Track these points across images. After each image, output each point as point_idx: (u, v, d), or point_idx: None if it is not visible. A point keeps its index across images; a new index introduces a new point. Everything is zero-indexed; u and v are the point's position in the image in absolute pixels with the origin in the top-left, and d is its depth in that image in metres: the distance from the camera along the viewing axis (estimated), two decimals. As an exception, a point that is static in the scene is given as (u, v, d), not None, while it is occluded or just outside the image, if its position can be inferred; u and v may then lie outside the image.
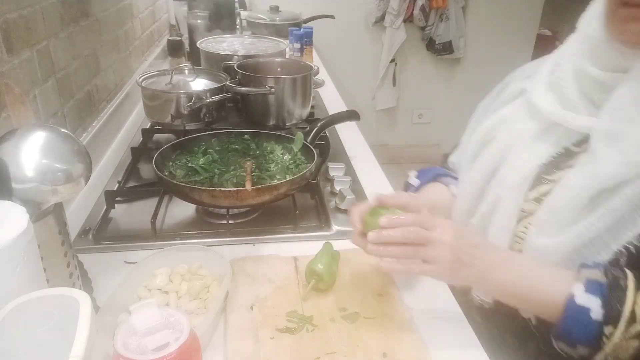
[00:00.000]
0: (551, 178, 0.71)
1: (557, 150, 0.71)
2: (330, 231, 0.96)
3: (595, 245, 0.62)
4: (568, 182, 0.66)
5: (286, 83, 1.31)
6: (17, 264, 0.50)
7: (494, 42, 3.18)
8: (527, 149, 0.74)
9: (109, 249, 0.90)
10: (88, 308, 0.48)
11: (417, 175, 0.96)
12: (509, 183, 0.74)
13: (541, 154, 0.72)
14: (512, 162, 0.75)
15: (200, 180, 0.97)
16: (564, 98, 0.71)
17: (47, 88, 1.01)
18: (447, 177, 0.92)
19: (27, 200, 0.57)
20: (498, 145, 0.78)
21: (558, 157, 0.71)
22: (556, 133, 0.72)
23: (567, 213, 0.65)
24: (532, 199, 0.72)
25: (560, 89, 0.71)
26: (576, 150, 0.70)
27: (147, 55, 1.90)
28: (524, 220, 0.72)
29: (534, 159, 0.72)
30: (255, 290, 0.78)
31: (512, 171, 0.74)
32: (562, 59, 0.74)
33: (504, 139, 0.77)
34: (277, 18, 2.34)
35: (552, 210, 0.67)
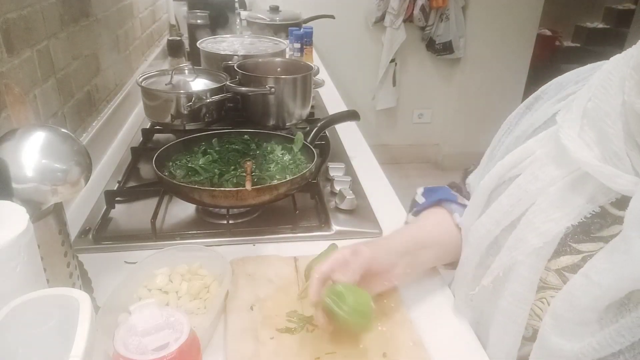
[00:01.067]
0: (579, 248, 0.59)
1: (590, 210, 0.57)
2: (330, 231, 0.96)
3: (624, 354, 0.51)
4: (593, 275, 0.53)
5: (286, 83, 1.31)
6: (17, 264, 0.50)
7: (494, 42, 3.18)
8: (554, 206, 0.59)
9: (109, 249, 0.90)
10: (88, 308, 0.48)
11: (424, 193, 0.88)
12: (529, 246, 0.61)
13: (571, 213, 0.58)
14: (534, 220, 0.61)
15: (200, 180, 0.97)
16: (604, 141, 0.55)
17: (47, 88, 1.01)
18: (452, 203, 0.82)
19: (27, 200, 0.57)
20: (518, 193, 0.64)
21: (589, 218, 0.58)
22: (590, 187, 0.57)
23: (588, 313, 0.53)
24: (554, 270, 0.61)
25: (600, 126, 0.55)
26: (614, 212, 0.57)
27: (147, 55, 1.90)
28: (542, 292, 0.61)
29: (561, 219, 0.58)
30: (255, 290, 0.78)
31: (533, 232, 0.61)
32: (611, 82, 0.56)
33: (528, 187, 0.63)
34: (277, 18, 2.34)
35: (572, 306, 0.55)
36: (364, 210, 1.03)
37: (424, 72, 3.31)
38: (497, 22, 3.15)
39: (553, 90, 0.70)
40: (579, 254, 0.59)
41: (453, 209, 0.81)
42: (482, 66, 3.21)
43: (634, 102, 0.52)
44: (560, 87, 0.69)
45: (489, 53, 3.19)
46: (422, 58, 3.26)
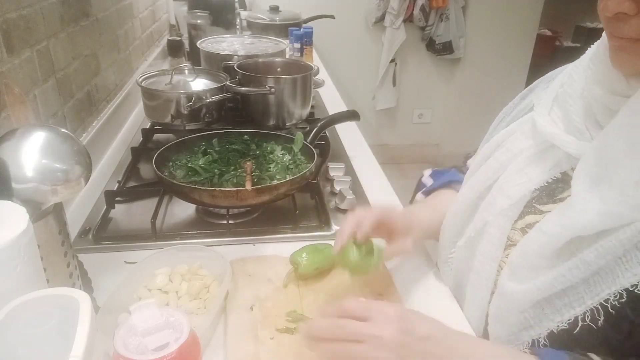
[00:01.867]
0: (542, 209, 0.65)
1: (552, 175, 0.64)
2: (330, 231, 0.96)
3: (569, 297, 0.57)
4: (545, 227, 0.60)
5: (286, 83, 1.31)
6: (17, 264, 0.50)
7: (494, 42, 3.18)
8: (521, 172, 0.67)
9: (109, 249, 0.90)
10: (88, 308, 0.48)
11: (431, 175, 0.93)
12: (498, 208, 0.68)
13: (535, 178, 0.65)
14: (503, 185, 0.69)
15: (200, 180, 0.97)
16: (567, 117, 0.63)
17: (47, 88, 1.01)
18: (460, 184, 0.84)
19: (27, 200, 0.57)
20: (494, 164, 0.72)
21: (554, 182, 0.65)
22: (554, 156, 0.64)
23: (538, 259, 0.60)
24: (519, 229, 0.67)
25: (566, 105, 0.64)
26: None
27: (147, 55, 1.90)
28: (509, 249, 0.67)
29: (527, 183, 0.66)
30: (255, 290, 0.78)
31: (502, 195, 0.68)
32: (576, 71, 0.66)
33: (501, 158, 0.71)
34: (277, 18, 2.34)
35: (524, 254, 0.62)
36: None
37: (424, 72, 3.31)
38: (497, 22, 3.15)
39: (544, 82, 0.76)
40: (541, 213, 0.65)
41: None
42: (482, 66, 3.21)
43: (591, 89, 0.61)
44: (551, 77, 0.75)
45: (489, 53, 3.19)
46: (422, 58, 3.26)
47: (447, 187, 0.90)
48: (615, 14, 0.52)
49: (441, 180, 0.90)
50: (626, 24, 0.52)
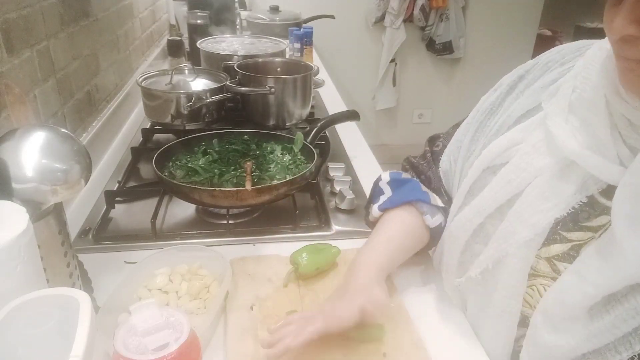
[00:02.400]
0: (568, 236, 0.60)
1: (578, 200, 0.57)
2: (330, 231, 0.96)
3: (617, 346, 0.52)
4: (586, 274, 0.53)
5: (286, 83, 1.31)
6: (17, 264, 0.50)
7: (494, 42, 3.18)
8: (542, 196, 0.60)
9: (109, 249, 0.90)
10: (88, 308, 0.48)
11: (390, 182, 0.84)
12: (520, 239, 0.61)
13: (560, 204, 0.58)
14: (523, 213, 0.61)
15: (200, 180, 0.97)
16: (589, 129, 0.56)
17: (47, 88, 1.01)
18: (424, 203, 0.78)
19: (27, 200, 0.57)
20: (502, 183, 0.64)
21: (580, 207, 0.58)
22: (579, 176, 0.57)
23: (581, 310, 0.54)
24: (544, 258, 0.61)
25: (585, 115, 0.57)
26: (602, 201, 0.57)
27: (147, 55, 1.90)
28: (533, 279, 0.62)
29: (551, 210, 0.59)
30: (255, 290, 0.78)
31: (523, 225, 0.61)
32: (591, 71, 0.58)
33: (511, 177, 0.63)
34: (277, 18, 2.34)
35: (563, 304, 0.55)
36: (364, 210, 1.03)
37: (424, 72, 3.31)
38: (497, 22, 3.15)
39: (539, 71, 0.69)
40: (568, 242, 0.60)
41: (425, 210, 0.78)
42: (482, 66, 3.21)
43: (611, 97, 0.54)
44: (546, 68, 0.69)
45: (489, 53, 3.19)
46: (422, 58, 3.26)
47: (408, 206, 0.79)
48: (621, 37, 0.49)
49: (401, 195, 0.80)
50: (633, 46, 0.49)
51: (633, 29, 0.47)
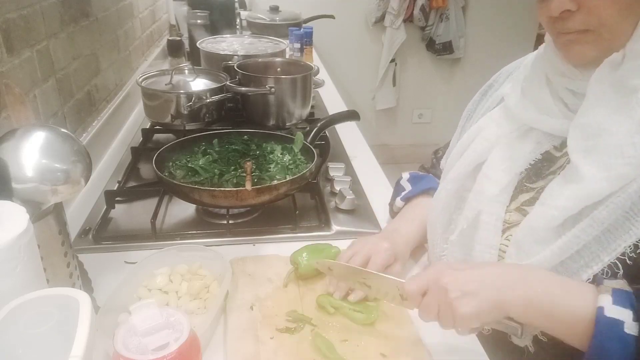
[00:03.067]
0: (533, 186, 0.69)
1: (535, 156, 0.69)
2: (330, 231, 0.96)
3: (584, 258, 0.60)
4: (549, 201, 0.62)
5: (286, 83, 1.31)
6: (17, 264, 0.50)
7: (494, 42, 3.18)
8: (504, 157, 0.70)
9: (109, 249, 0.90)
10: (88, 308, 0.48)
11: (409, 180, 0.94)
12: (488, 195, 0.70)
13: (519, 161, 0.69)
14: (488, 172, 0.71)
15: (200, 180, 0.97)
16: (539, 102, 0.69)
17: (47, 88, 1.01)
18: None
19: (27, 200, 0.57)
20: (471, 154, 0.75)
21: (539, 162, 0.69)
22: (534, 137, 0.69)
23: (545, 232, 0.62)
24: (514, 209, 0.69)
25: (534, 93, 0.70)
26: (557, 154, 0.68)
27: (147, 55, 1.90)
28: (508, 231, 0.69)
29: (512, 167, 0.69)
30: (255, 290, 0.78)
31: (489, 182, 0.70)
32: (536, 63, 0.73)
33: (478, 148, 0.74)
34: (277, 18, 2.34)
35: (531, 230, 0.64)
36: (364, 210, 1.03)
37: (424, 72, 3.31)
38: (497, 22, 3.15)
39: (503, 77, 0.83)
40: (533, 190, 0.69)
41: None
42: (482, 66, 3.21)
43: (554, 78, 0.68)
44: (508, 74, 0.82)
45: (489, 53, 3.19)
46: (422, 58, 3.26)
47: (426, 194, 0.89)
48: (560, 13, 0.60)
49: (419, 187, 0.90)
50: (571, 19, 0.60)
51: (568, 4, 0.59)
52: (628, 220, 0.57)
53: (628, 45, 0.59)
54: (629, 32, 0.59)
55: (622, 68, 0.59)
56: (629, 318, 0.53)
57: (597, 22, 0.59)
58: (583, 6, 0.59)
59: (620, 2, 0.58)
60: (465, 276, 0.60)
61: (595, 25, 0.59)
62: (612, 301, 0.54)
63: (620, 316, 0.53)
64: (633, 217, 0.57)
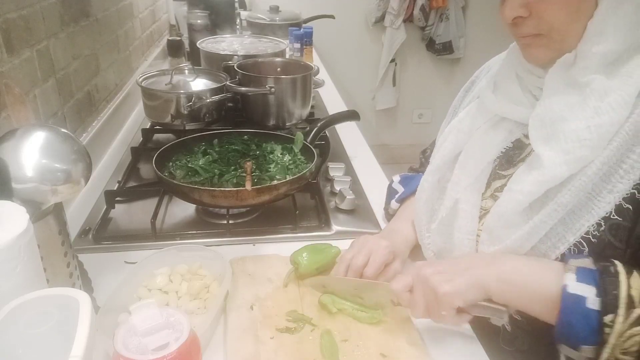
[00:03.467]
0: (505, 173, 0.72)
1: (507, 144, 0.72)
2: (330, 231, 0.96)
3: (551, 239, 0.63)
4: (515, 187, 0.66)
5: (286, 83, 1.31)
6: (17, 264, 0.50)
7: (494, 42, 3.16)
8: (478, 147, 0.74)
9: (109, 249, 0.90)
10: (88, 308, 0.48)
11: (401, 181, 0.96)
12: (464, 184, 0.74)
13: (491, 150, 0.72)
14: (464, 162, 0.75)
15: (200, 180, 0.97)
16: (509, 94, 0.72)
17: (47, 88, 1.01)
18: None
19: (27, 200, 0.57)
20: (449, 146, 0.79)
21: (510, 150, 0.72)
22: (506, 127, 0.72)
23: (513, 217, 0.65)
24: (489, 196, 0.72)
25: (505, 87, 0.73)
26: (527, 142, 0.70)
27: (147, 55, 1.90)
28: (484, 217, 0.72)
29: (485, 155, 0.73)
30: (255, 290, 0.78)
31: (465, 172, 0.74)
32: (507, 60, 0.77)
33: (454, 139, 0.78)
34: (277, 18, 2.34)
35: (499, 216, 0.67)
36: (364, 210, 1.03)
37: (424, 72, 3.31)
38: (497, 22, 3.12)
39: (483, 73, 0.87)
40: (505, 177, 0.72)
41: None
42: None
43: (523, 74, 0.71)
44: (488, 69, 0.87)
45: (489, 53, 3.17)
46: (422, 58, 3.26)
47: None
48: (513, 20, 0.64)
49: (411, 187, 0.91)
50: (523, 25, 0.64)
51: (519, 11, 0.63)
52: (590, 201, 0.61)
53: (579, 47, 0.62)
54: (579, 34, 0.62)
55: (574, 67, 0.63)
56: (592, 294, 0.56)
57: (548, 27, 0.62)
58: (534, 12, 0.62)
59: (568, 6, 0.61)
60: (442, 264, 0.67)
61: (547, 30, 0.63)
62: (575, 279, 0.57)
63: (583, 292, 0.56)
64: (595, 197, 0.60)
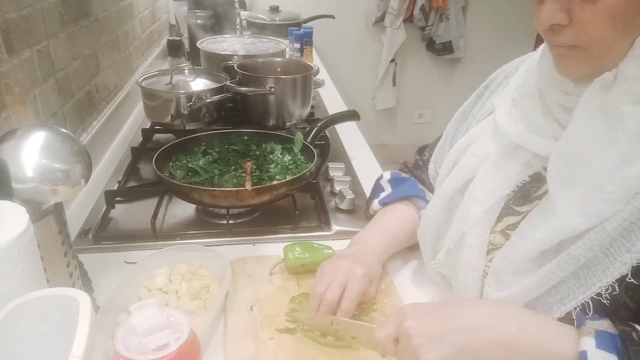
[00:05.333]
0: (519, 209, 0.65)
1: (522, 179, 0.64)
2: (330, 231, 0.96)
3: (560, 293, 0.57)
4: (527, 232, 0.60)
5: (286, 83, 1.31)
6: (17, 264, 0.50)
7: (494, 42, 3.18)
8: (490, 178, 0.66)
9: (109, 249, 0.90)
10: (88, 308, 0.48)
11: (390, 181, 0.90)
12: (472, 217, 0.66)
13: (505, 183, 0.65)
14: (474, 193, 0.67)
15: (200, 181, 0.97)
16: (529, 117, 0.64)
17: (47, 88, 1.01)
18: (420, 199, 0.85)
19: (27, 200, 0.57)
20: (460, 170, 0.71)
21: (527, 184, 0.64)
22: (523, 157, 0.64)
23: (522, 263, 0.59)
24: (499, 231, 0.66)
25: (524, 106, 0.65)
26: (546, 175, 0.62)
27: (147, 55, 1.90)
28: (492, 253, 0.66)
29: (498, 189, 0.65)
30: (255, 290, 0.78)
31: (474, 203, 0.67)
32: (530, 71, 0.68)
33: (467, 164, 0.70)
34: (277, 18, 2.34)
35: (506, 261, 0.61)
36: (364, 210, 1.03)
37: (424, 72, 3.31)
38: (497, 22, 3.15)
39: (500, 78, 0.77)
40: (519, 215, 0.64)
41: (421, 206, 0.84)
42: (482, 66, 3.21)
43: (546, 89, 0.62)
44: (505, 75, 0.76)
45: (489, 53, 3.19)
46: (422, 58, 3.26)
47: (405, 202, 0.86)
48: (549, 26, 0.55)
49: (399, 192, 0.87)
50: (561, 33, 0.55)
51: (560, 16, 0.54)
52: (607, 257, 0.54)
53: (621, 66, 0.54)
54: (623, 52, 0.54)
55: (612, 90, 0.54)
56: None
57: (589, 40, 0.54)
58: (575, 20, 0.53)
59: (616, 19, 0.52)
60: (429, 319, 0.57)
61: (586, 43, 0.54)
62: (595, 344, 0.50)
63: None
64: (612, 254, 0.53)
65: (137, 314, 0.53)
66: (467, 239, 0.67)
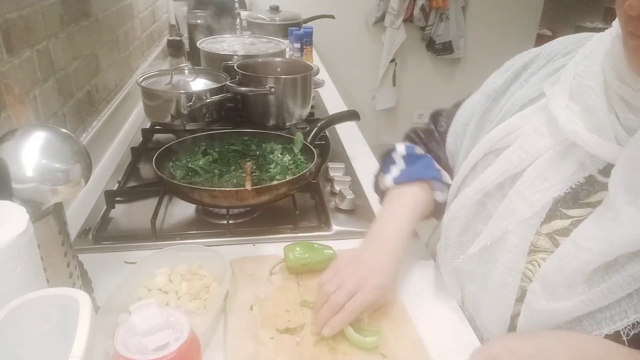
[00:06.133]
0: (569, 213, 0.61)
1: (576, 180, 0.60)
2: (330, 231, 0.96)
3: (611, 311, 0.54)
4: (583, 242, 0.56)
5: (286, 83, 1.31)
6: (17, 264, 0.50)
7: (494, 42, 3.18)
8: (542, 176, 0.62)
9: (109, 249, 0.90)
10: (88, 308, 0.48)
11: (405, 157, 0.86)
12: (519, 216, 0.63)
13: (558, 184, 0.60)
14: (523, 192, 0.63)
15: (200, 181, 0.97)
16: (589, 113, 0.58)
17: (47, 88, 1.01)
18: (437, 181, 0.82)
19: (27, 200, 0.57)
20: (504, 164, 0.66)
21: (579, 186, 0.60)
22: (577, 157, 0.59)
23: (577, 275, 0.56)
24: (545, 234, 0.63)
25: (585, 100, 0.59)
26: (601, 180, 0.60)
27: (147, 55, 1.90)
28: (533, 255, 0.63)
29: (550, 189, 0.61)
30: (255, 290, 0.78)
31: (523, 203, 0.62)
32: (594, 60, 0.60)
33: (513, 157, 0.65)
34: (277, 18, 2.34)
35: (561, 270, 0.58)
36: (364, 210, 1.03)
37: (424, 72, 3.31)
38: (497, 22, 3.15)
39: (542, 60, 0.71)
40: (568, 218, 0.62)
41: (436, 187, 0.82)
42: (482, 66, 3.21)
43: (612, 82, 0.56)
44: (549, 57, 0.70)
45: (489, 53, 3.19)
46: (422, 58, 3.26)
47: (421, 184, 0.82)
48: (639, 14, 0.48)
49: (415, 171, 0.82)
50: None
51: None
52: None
53: None
54: None
55: None
56: None
57: None
58: None
59: None
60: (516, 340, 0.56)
61: None
62: None
63: None
64: None
65: (137, 314, 0.53)
66: (510, 237, 0.63)
